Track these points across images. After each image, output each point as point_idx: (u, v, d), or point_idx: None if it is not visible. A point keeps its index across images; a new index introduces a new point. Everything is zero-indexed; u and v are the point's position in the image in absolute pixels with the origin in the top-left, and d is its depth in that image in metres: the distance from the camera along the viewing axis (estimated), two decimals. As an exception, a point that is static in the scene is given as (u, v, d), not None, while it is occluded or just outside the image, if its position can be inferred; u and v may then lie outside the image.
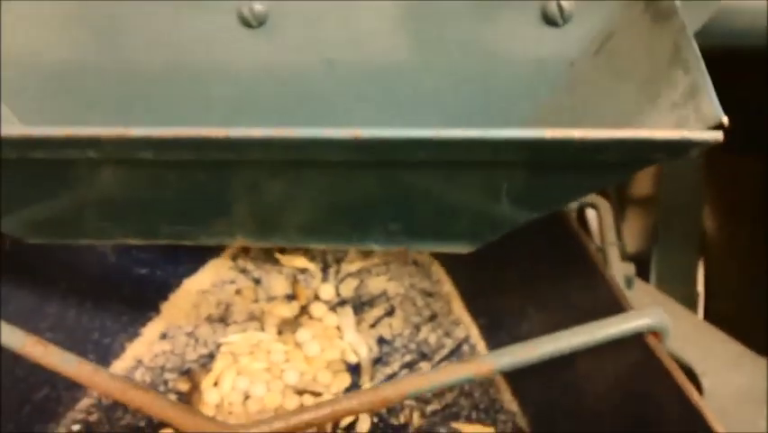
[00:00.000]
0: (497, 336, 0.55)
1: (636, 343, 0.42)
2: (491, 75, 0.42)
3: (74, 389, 0.53)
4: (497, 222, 0.37)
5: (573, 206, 0.60)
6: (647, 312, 0.42)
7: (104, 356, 0.54)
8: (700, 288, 0.78)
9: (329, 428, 0.50)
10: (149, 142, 0.31)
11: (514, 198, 0.34)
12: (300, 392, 0.53)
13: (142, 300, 0.57)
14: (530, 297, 0.51)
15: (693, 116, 0.30)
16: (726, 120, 0.30)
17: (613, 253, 0.56)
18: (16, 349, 0.42)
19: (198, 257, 0.61)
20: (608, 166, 0.32)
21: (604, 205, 0.62)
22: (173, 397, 0.53)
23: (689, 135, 0.29)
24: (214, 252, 0.62)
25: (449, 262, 0.61)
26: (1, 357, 0.47)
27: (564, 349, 0.41)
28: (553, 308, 0.50)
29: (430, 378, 0.40)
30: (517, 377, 0.53)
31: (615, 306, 0.44)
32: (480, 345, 0.56)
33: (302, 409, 0.38)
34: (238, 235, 0.40)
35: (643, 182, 0.90)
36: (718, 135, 0.29)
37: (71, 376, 0.41)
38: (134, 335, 0.56)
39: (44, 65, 0.43)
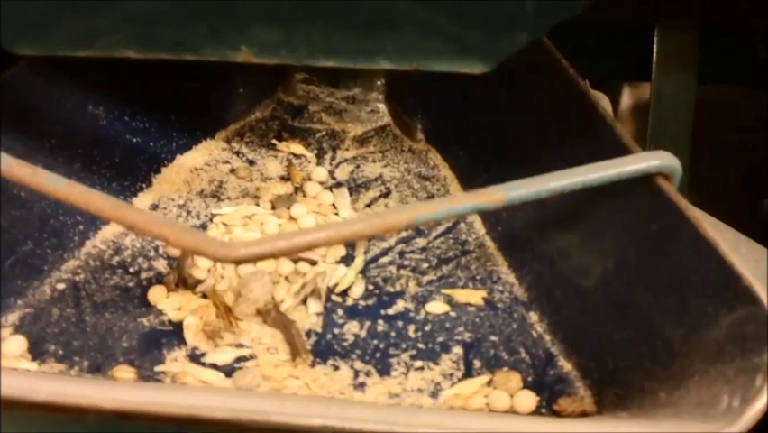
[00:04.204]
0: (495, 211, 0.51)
1: (646, 185, 0.39)
2: None
3: (60, 248, 0.48)
4: (516, 29, 0.33)
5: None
6: (657, 154, 0.39)
7: (92, 220, 0.49)
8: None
9: (324, 290, 0.47)
10: None
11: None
12: (295, 260, 0.49)
13: (134, 170, 0.53)
14: (532, 166, 0.48)
15: None
16: None
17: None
18: (1, 171, 0.37)
19: (192, 135, 0.57)
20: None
21: (604, 99, 0.59)
22: (163, 261, 0.48)
23: None
24: (209, 132, 0.59)
25: (445, 150, 0.58)
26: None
27: (576, 184, 0.38)
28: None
29: (437, 205, 0.36)
30: (514, 251, 0.50)
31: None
32: (478, 222, 0.52)
33: (305, 229, 0.35)
34: (243, 47, 0.36)
35: (630, 118, 0.88)
36: None
37: (61, 197, 0.37)
38: (125, 203, 0.52)
39: None
